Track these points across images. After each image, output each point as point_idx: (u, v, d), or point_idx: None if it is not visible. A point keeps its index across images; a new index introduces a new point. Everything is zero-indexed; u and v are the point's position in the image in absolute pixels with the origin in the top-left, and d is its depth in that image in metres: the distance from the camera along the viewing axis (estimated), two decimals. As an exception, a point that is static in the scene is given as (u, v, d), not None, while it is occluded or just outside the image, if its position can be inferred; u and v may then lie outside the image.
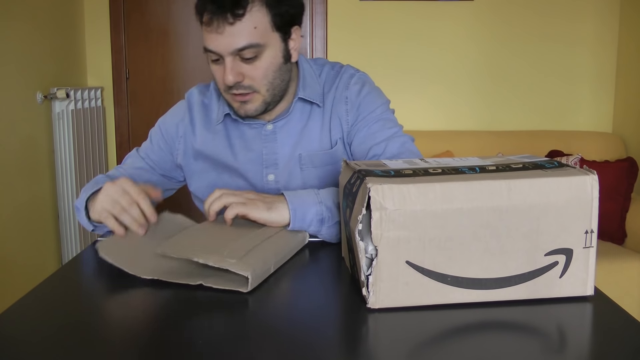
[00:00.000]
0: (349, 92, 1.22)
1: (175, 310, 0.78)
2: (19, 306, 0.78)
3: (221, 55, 1.07)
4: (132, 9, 3.16)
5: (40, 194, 2.63)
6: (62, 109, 2.69)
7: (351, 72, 1.25)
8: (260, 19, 1.07)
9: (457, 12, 3.12)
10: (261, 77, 1.10)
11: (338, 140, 1.22)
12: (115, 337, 0.70)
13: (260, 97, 1.13)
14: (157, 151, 1.28)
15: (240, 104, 1.13)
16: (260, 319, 0.76)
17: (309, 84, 1.22)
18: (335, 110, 1.22)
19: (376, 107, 1.22)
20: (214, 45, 1.07)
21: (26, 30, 2.51)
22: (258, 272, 0.85)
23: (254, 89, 1.11)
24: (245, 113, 1.15)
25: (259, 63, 1.09)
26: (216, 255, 0.85)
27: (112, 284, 0.90)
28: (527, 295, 0.79)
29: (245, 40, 1.06)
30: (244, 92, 1.11)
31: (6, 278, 2.28)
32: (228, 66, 1.07)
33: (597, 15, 3.12)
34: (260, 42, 1.07)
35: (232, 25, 1.04)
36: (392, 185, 0.74)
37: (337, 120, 1.22)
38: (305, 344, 0.68)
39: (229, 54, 1.07)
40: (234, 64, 1.08)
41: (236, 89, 1.10)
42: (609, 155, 2.88)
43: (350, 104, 1.22)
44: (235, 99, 1.13)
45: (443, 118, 3.20)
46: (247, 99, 1.12)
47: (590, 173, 0.78)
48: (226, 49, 1.06)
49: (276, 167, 1.22)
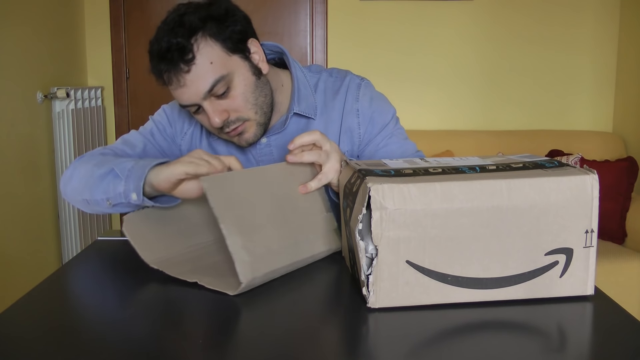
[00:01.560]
0: (360, 104, 1.20)
1: (176, 310, 0.78)
2: (19, 306, 0.78)
3: (196, 104, 1.05)
4: (132, 8, 3.16)
5: (40, 194, 2.63)
6: (62, 109, 2.68)
7: (357, 82, 1.22)
8: (211, 52, 1.03)
9: (457, 11, 3.12)
10: (243, 104, 1.08)
11: (347, 151, 1.21)
12: (115, 336, 0.70)
13: (253, 122, 1.11)
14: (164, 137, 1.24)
15: (238, 137, 1.12)
16: (260, 318, 0.76)
17: (304, 96, 1.19)
18: (346, 122, 1.20)
19: (389, 121, 1.22)
20: (185, 99, 1.05)
21: (26, 30, 2.51)
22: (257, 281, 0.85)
23: (243, 119, 1.09)
24: (247, 142, 1.13)
25: (234, 92, 1.06)
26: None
27: (112, 284, 0.90)
28: (527, 295, 0.79)
29: (210, 79, 1.03)
30: (235, 126, 1.09)
31: (6, 278, 2.28)
32: (209, 110, 1.05)
33: (597, 15, 3.12)
34: (224, 73, 1.04)
35: (189, 72, 1.02)
36: (393, 184, 0.74)
37: (349, 133, 1.20)
38: (305, 344, 0.68)
39: (202, 99, 1.04)
40: (213, 106, 1.06)
41: (227, 126, 1.08)
42: (609, 155, 2.88)
43: (362, 116, 1.20)
44: (231, 135, 1.11)
45: (443, 117, 3.20)
46: (241, 130, 1.10)
47: (591, 172, 0.78)
48: (197, 96, 1.04)
49: None
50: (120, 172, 1.00)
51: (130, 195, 0.98)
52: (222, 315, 0.77)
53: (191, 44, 1.01)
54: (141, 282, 0.89)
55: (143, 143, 1.20)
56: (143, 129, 1.25)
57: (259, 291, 0.84)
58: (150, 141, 1.21)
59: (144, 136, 1.22)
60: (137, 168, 0.99)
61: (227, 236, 0.82)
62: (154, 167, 0.97)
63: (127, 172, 0.99)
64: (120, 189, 0.99)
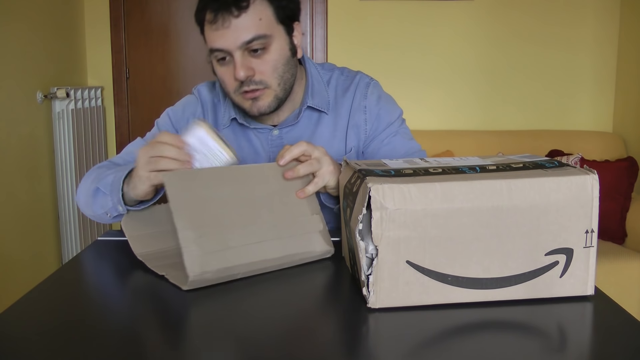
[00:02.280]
0: (368, 101, 1.23)
1: (175, 309, 0.78)
2: (19, 306, 0.78)
3: (229, 51, 1.06)
4: (132, 8, 3.16)
5: (40, 194, 2.63)
6: (62, 109, 2.68)
7: (367, 81, 1.25)
8: (263, 11, 1.07)
9: (457, 11, 3.12)
10: (271, 70, 1.09)
11: (353, 147, 1.22)
12: (115, 336, 0.70)
13: (272, 92, 1.11)
14: None
15: (252, 101, 1.11)
16: (260, 318, 0.76)
17: (317, 91, 1.22)
18: (354, 118, 1.22)
19: (394, 120, 1.24)
20: (221, 42, 1.05)
21: (26, 30, 2.51)
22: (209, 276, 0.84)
23: (265, 84, 1.10)
24: (258, 110, 1.13)
25: (268, 56, 1.08)
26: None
27: (112, 284, 0.90)
28: (527, 295, 0.79)
29: (253, 31, 1.05)
30: (255, 87, 1.09)
31: (6, 278, 2.28)
32: (238, 61, 1.06)
33: (598, 14, 3.12)
34: (267, 33, 1.07)
35: (237, 18, 1.04)
36: (393, 185, 0.74)
37: (355, 129, 1.22)
38: (305, 344, 0.68)
39: (237, 48, 1.05)
40: (244, 59, 1.07)
41: (247, 85, 1.09)
42: (609, 155, 2.88)
43: (369, 113, 1.22)
44: (246, 97, 1.11)
45: (443, 117, 3.20)
46: (258, 95, 1.10)
47: (591, 172, 0.78)
48: (234, 43, 1.05)
49: None
50: (103, 188, 1.06)
51: (117, 208, 1.04)
52: (222, 315, 0.77)
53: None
54: (141, 282, 0.89)
55: None
56: (149, 134, 1.27)
57: (259, 291, 0.84)
58: None
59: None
60: (115, 182, 1.04)
61: (179, 230, 0.83)
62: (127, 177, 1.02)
63: (110, 187, 1.04)
64: (109, 204, 1.04)
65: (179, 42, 3.18)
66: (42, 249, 2.65)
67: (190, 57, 3.18)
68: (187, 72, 3.19)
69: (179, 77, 3.20)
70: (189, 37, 3.17)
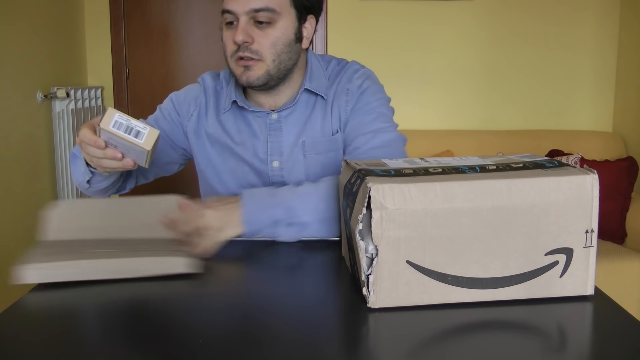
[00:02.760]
0: (351, 84, 1.25)
1: (175, 309, 0.78)
2: (19, 306, 0.78)
3: (237, 15, 1.11)
4: (132, 8, 3.16)
5: (40, 194, 2.63)
6: (62, 109, 2.69)
7: (356, 68, 1.28)
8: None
9: (457, 11, 3.12)
10: (269, 44, 1.13)
11: (338, 129, 1.25)
12: (115, 336, 0.70)
13: (265, 66, 1.15)
14: (168, 121, 1.30)
15: (243, 69, 1.15)
16: (260, 318, 0.76)
17: (316, 76, 1.25)
18: (337, 101, 1.25)
19: (374, 100, 1.24)
20: (232, 4, 1.11)
21: (26, 30, 2.51)
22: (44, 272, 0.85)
23: (260, 55, 1.14)
24: (247, 80, 1.16)
25: (271, 31, 1.13)
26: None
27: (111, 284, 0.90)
28: (527, 295, 0.79)
29: (264, 2, 1.10)
30: (250, 56, 1.13)
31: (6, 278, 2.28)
32: (241, 25, 1.11)
33: (598, 14, 3.12)
34: (276, 9, 1.12)
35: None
36: (393, 184, 0.74)
37: (337, 110, 1.24)
38: (305, 344, 0.68)
39: (244, 13, 1.10)
40: (247, 26, 1.11)
41: (242, 51, 1.13)
42: (609, 155, 2.88)
43: (351, 95, 1.24)
44: (239, 63, 1.15)
45: (443, 117, 3.20)
46: (251, 64, 1.14)
47: (591, 172, 0.77)
48: (243, 7, 1.10)
49: (281, 155, 1.25)
50: (76, 151, 1.13)
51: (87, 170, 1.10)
52: (222, 315, 0.77)
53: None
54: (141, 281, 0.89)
55: None
56: (150, 118, 1.33)
57: (258, 290, 0.84)
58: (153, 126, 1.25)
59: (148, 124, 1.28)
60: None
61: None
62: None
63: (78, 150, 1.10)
64: (82, 167, 1.11)
65: (179, 42, 3.18)
66: (42, 249, 2.65)
67: (190, 57, 3.18)
68: (187, 72, 3.19)
69: (179, 77, 3.20)
70: (189, 37, 3.17)
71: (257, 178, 1.27)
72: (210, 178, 1.30)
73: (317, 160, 1.25)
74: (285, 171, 1.25)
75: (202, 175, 1.33)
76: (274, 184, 1.26)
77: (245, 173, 1.27)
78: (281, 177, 1.26)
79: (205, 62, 3.15)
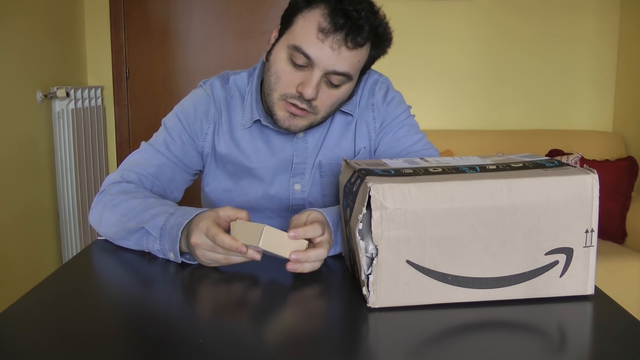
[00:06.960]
0: (375, 99, 1.21)
1: (175, 308, 0.78)
2: (19, 306, 0.78)
3: (314, 66, 1.01)
4: (132, 7, 3.15)
5: (40, 194, 2.63)
6: (62, 108, 2.68)
7: (375, 78, 1.23)
8: (364, 55, 1.05)
9: (457, 11, 3.12)
10: (330, 104, 1.08)
11: (362, 149, 1.20)
12: (115, 336, 0.70)
13: (313, 118, 1.09)
14: (179, 145, 1.17)
15: (289, 115, 1.07)
16: (260, 318, 0.76)
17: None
18: (363, 117, 1.20)
19: (400, 113, 1.23)
20: (316, 54, 1.00)
21: (26, 29, 2.51)
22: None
23: (315, 111, 1.07)
24: (290, 126, 1.08)
25: (337, 92, 1.07)
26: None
27: (111, 283, 0.90)
28: (527, 295, 0.79)
29: (347, 68, 1.03)
30: (305, 108, 1.05)
31: (6, 278, 2.28)
32: (314, 80, 1.02)
33: (598, 14, 3.12)
34: (353, 77, 1.06)
35: (347, 49, 1.01)
36: (393, 184, 0.74)
37: (365, 127, 1.20)
38: (305, 344, 0.68)
39: (323, 71, 1.02)
40: (320, 82, 1.04)
41: (300, 102, 1.04)
42: (609, 155, 2.88)
43: (377, 110, 1.21)
44: (288, 108, 1.06)
45: (443, 117, 3.20)
46: (302, 115, 1.07)
47: (591, 172, 0.77)
48: (326, 65, 1.01)
49: (303, 177, 1.19)
50: (152, 230, 0.96)
51: (168, 254, 0.95)
52: (222, 315, 0.77)
53: (367, 36, 1.02)
54: (141, 281, 0.89)
55: (157, 161, 1.15)
56: (155, 140, 1.18)
57: (258, 290, 0.84)
58: (166, 155, 1.15)
59: (157, 150, 1.16)
60: (169, 228, 0.94)
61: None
62: (186, 227, 0.93)
63: (160, 230, 0.95)
64: (156, 247, 0.96)
65: (179, 41, 3.18)
66: (42, 249, 2.65)
67: (190, 57, 3.18)
68: (187, 72, 3.18)
69: (179, 77, 3.19)
70: (189, 37, 3.17)
71: (272, 199, 1.20)
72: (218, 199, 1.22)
73: (334, 182, 1.19)
74: (305, 194, 1.20)
75: (208, 196, 1.24)
76: (294, 206, 1.20)
77: (256, 195, 1.19)
78: (302, 199, 1.20)
79: (205, 62, 3.15)
